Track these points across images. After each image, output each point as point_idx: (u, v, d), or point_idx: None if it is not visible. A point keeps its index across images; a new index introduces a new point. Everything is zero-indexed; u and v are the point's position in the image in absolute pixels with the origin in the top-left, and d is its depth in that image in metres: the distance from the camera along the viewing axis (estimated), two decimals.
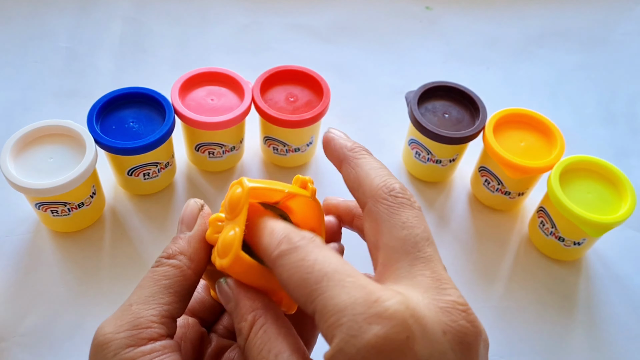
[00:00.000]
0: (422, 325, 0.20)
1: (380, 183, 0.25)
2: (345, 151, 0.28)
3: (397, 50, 0.65)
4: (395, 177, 0.26)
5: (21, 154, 0.42)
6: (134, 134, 0.44)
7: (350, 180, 0.27)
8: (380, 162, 0.27)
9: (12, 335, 0.40)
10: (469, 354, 0.21)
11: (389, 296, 0.21)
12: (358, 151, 0.28)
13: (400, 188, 0.25)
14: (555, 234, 0.46)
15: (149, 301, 0.25)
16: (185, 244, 0.27)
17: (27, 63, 0.59)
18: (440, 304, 0.22)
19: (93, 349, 0.24)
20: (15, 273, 0.43)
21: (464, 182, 0.53)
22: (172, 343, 0.25)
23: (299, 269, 0.22)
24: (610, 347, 0.44)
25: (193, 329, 0.29)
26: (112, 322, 0.25)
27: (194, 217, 0.28)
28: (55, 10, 0.64)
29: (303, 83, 0.50)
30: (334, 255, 0.22)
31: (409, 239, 0.24)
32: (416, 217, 0.25)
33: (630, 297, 0.47)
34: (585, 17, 0.71)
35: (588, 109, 0.61)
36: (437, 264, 0.24)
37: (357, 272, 0.22)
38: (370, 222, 0.25)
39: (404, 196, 0.25)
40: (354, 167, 0.27)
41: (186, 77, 0.48)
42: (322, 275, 0.21)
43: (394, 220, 0.24)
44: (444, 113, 0.49)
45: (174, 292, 0.26)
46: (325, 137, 0.29)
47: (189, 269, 0.26)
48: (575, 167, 0.46)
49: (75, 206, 0.43)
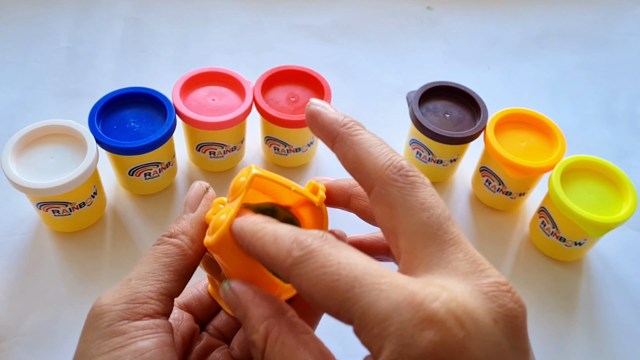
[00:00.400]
0: (474, 319, 0.19)
1: (387, 162, 0.23)
2: (337, 127, 0.25)
3: (398, 50, 0.65)
4: (399, 153, 0.24)
5: (22, 153, 0.42)
6: (135, 134, 0.44)
7: (349, 160, 0.24)
8: (379, 138, 0.24)
9: (13, 335, 0.40)
10: (520, 336, 0.20)
11: (434, 295, 0.19)
12: (352, 126, 0.25)
13: (408, 165, 0.23)
14: (557, 234, 0.46)
15: (148, 277, 0.25)
16: (188, 224, 0.27)
17: (28, 63, 0.59)
18: (484, 289, 0.20)
19: (88, 318, 0.24)
20: (16, 273, 0.43)
21: (464, 182, 0.53)
22: (167, 323, 0.25)
23: (323, 276, 0.20)
24: (612, 347, 0.44)
25: (186, 323, 0.29)
26: (110, 294, 0.24)
27: (198, 199, 0.28)
28: (57, 11, 0.64)
29: (304, 83, 0.50)
30: (355, 254, 0.21)
31: (431, 221, 0.22)
32: (433, 196, 0.22)
33: (631, 298, 0.47)
34: (586, 17, 0.71)
35: (589, 109, 0.61)
36: (467, 244, 0.22)
37: (388, 270, 0.20)
38: (382, 207, 0.23)
39: (415, 174, 0.23)
40: (351, 145, 0.24)
41: (187, 77, 0.48)
42: (352, 281, 0.19)
43: (410, 202, 0.22)
44: (445, 113, 0.49)
45: (174, 270, 0.25)
46: (310, 112, 0.26)
47: (189, 249, 0.26)
48: (577, 167, 0.46)
49: (76, 206, 0.43)
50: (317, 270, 0.20)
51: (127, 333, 0.23)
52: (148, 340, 0.23)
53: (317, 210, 0.27)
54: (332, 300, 0.19)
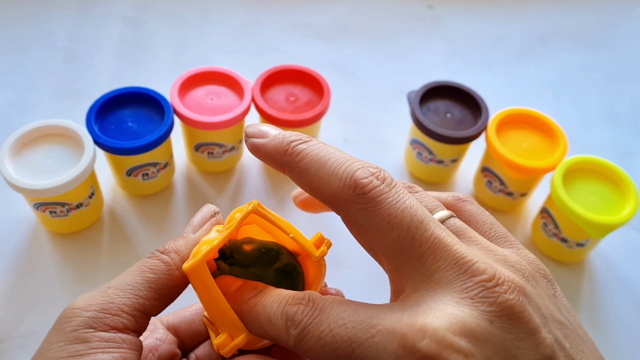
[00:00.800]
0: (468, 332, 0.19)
1: (339, 183, 0.21)
2: (280, 158, 0.23)
3: (399, 50, 0.64)
4: (350, 157, 0.22)
5: (19, 154, 0.42)
6: (132, 134, 0.44)
7: (306, 189, 0.23)
8: (327, 149, 0.22)
9: (11, 337, 0.40)
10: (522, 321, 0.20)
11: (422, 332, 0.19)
12: (294, 151, 0.23)
13: (362, 176, 0.21)
14: (559, 235, 0.45)
15: (127, 289, 0.24)
16: (184, 243, 0.26)
17: (25, 63, 0.58)
18: (470, 294, 0.20)
19: (58, 319, 0.24)
20: (13, 274, 0.43)
21: (466, 182, 0.53)
22: (134, 340, 0.24)
23: (324, 349, 0.20)
24: (614, 348, 0.43)
25: (167, 346, 0.28)
26: (85, 299, 0.24)
27: (203, 222, 0.27)
28: (54, 10, 0.63)
29: (303, 82, 0.50)
30: (342, 311, 0.21)
31: (402, 237, 0.21)
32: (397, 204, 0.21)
33: (633, 299, 0.46)
34: (588, 17, 0.71)
35: (591, 109, 0.61)
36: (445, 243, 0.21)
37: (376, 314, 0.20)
38: (354, 229, 0.22)
39: (371, 186, 0.21)
40: (300, 174, 0.23)
41: (185, 76, 0.47)
42: (348, 345, 0.20)
43: (377, 222, 0.21)
44: (446, 113, 0.49)
45: (155, 288, 0.25)
46: (250, 146, 0.24)
47: (177, 270, 0.25)
48: (579, 168, 0.46)
49: (73, 207, 0.43)
50: (316, 345, 0.20)
51: (90, 342, 0.22)
52: (109, 354, 0.22)
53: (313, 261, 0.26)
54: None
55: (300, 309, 0.21)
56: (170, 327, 0.29)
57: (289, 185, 0.51)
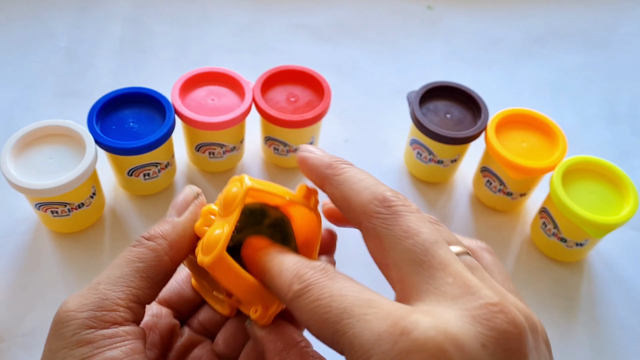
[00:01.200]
0: (458, 345, 0.18)
1: (369, 196, 0.23)
2: (323, 170, 0.25)
3: (399, 50, 0.65)
4: (384, 184, 0.24)
5: (21, 154, 0.42)
6: (134, 134, 0.44)
7: (337, 200, 0.25)
8: (364, 172, 0.25)
9: (12, 336, 0.40)
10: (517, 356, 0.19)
11: (414, 324, 0.19)
12: (337, 167, 0.25)
13: (391, 195, 0.23)
14: (558, 235, 0.46)
15: (118, 282, 0.24)
16: (170, 228, 0.26)
17: (27, 63, 0.59)
18: (473, 312, 0.20)
19: (53, 324, 0.23)
20: (15, 274, 0.43)
21: (465, 182, 0.53)
22: (137, 330, 0.24)
23: (316, 309, 0.20)
24: (613, 348, 0.44)
25: (165, 320, 0.28)
26: (77, 299, 0.24)
27: (186, 204, 0.27)
28: (55, 11, 0.64)
29: (304, 83, 0.50)
30: (350, 284, 0.21)
31: (416, 247, 0.21)
32: (417, 222, 0.22)
33: (632, 299, 0.46)
34: (587, 17, 0.71)
35: (590, 109, 0.61)
36: (456, 265, 0.21)
37: (379, 299, 0.20)
38: (371, 241, 0.23)
39: (397, 202, 0.23)
40: (336, 186, 0.24)
41: (186, 77, 0.48)
42: (341, 312, 0.20)
43: (394, 232, 0.22)
44: (445, 113, 0.49)
45: (146, 277, 0.25)
46: (299, 158, 0.26)
47: (166, 255, 0.25)
48: (578, 168, 0.46)
49: (75, 206, 0.43)
50: (311, 304, 0.21)
51: (95, 342, 0.22)
52: (117, 349, 0.22)
53: (308, 211, 0.27)
54: (324, 331, 0.20)
55: (312, 272, 0.22)
56: (162, 301, 0.29)
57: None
